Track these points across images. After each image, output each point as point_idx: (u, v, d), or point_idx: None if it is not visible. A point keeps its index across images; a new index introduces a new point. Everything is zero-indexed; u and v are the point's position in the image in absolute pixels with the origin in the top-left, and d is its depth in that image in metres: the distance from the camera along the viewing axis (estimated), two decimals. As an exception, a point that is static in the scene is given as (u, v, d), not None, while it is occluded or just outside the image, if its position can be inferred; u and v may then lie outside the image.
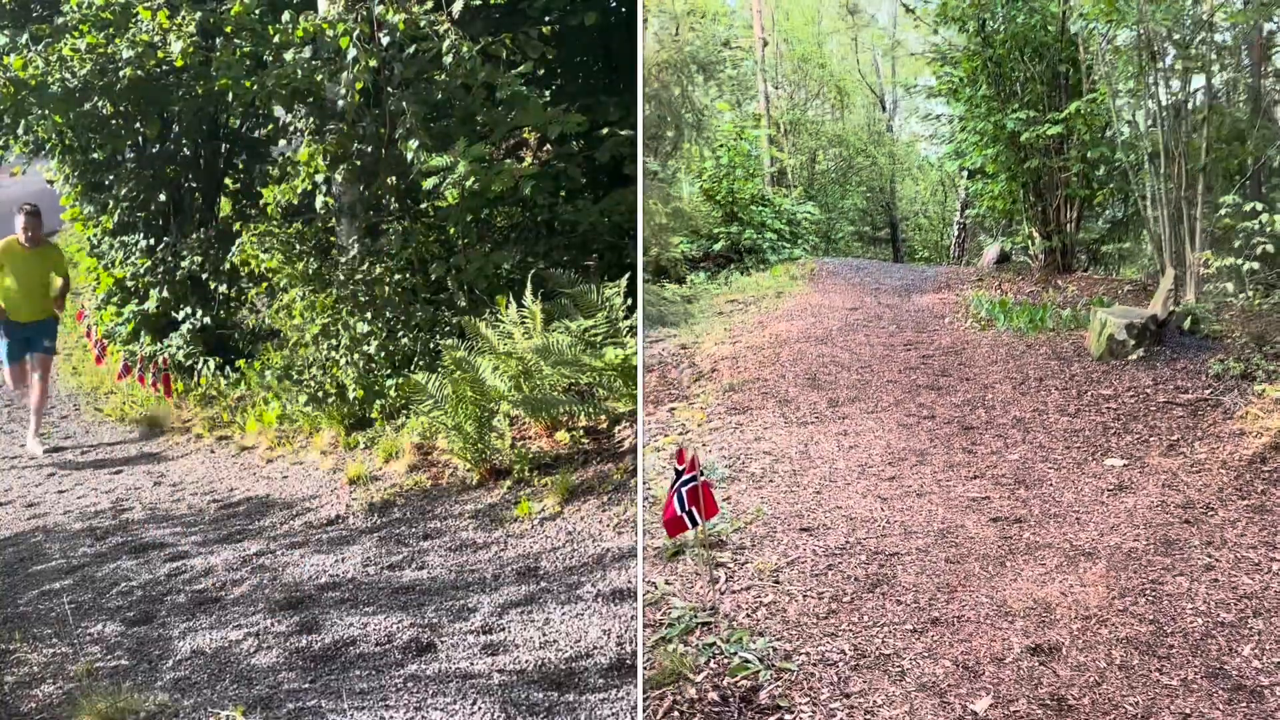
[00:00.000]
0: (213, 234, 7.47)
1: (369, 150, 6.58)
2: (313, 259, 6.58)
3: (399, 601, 4.38)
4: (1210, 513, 4.43)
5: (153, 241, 7.61)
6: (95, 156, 7.38)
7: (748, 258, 8.88)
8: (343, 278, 6.41)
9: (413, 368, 6.18)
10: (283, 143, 7.56)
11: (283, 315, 6.63)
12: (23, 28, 7.26)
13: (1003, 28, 7.64)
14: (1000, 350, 6.85)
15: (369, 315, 6.33)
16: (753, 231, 8.91)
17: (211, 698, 3.69)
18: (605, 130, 6.75)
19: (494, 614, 4.17)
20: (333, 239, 6.83)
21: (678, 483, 4.10)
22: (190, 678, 3.87)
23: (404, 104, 6.32)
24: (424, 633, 4.05)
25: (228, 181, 7.91)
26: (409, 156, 6.32)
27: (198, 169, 7.74)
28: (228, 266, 7.16)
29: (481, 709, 3.47)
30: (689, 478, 4.09)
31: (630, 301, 6.03)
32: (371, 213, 6.74)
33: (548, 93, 6.94)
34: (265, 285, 6.92)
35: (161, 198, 7.55)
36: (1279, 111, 6.90)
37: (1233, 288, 6.36)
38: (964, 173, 9.09)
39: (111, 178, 7.58)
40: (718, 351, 7.30)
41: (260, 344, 7.16)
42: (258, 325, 7.10)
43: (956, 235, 10.46)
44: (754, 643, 3.57)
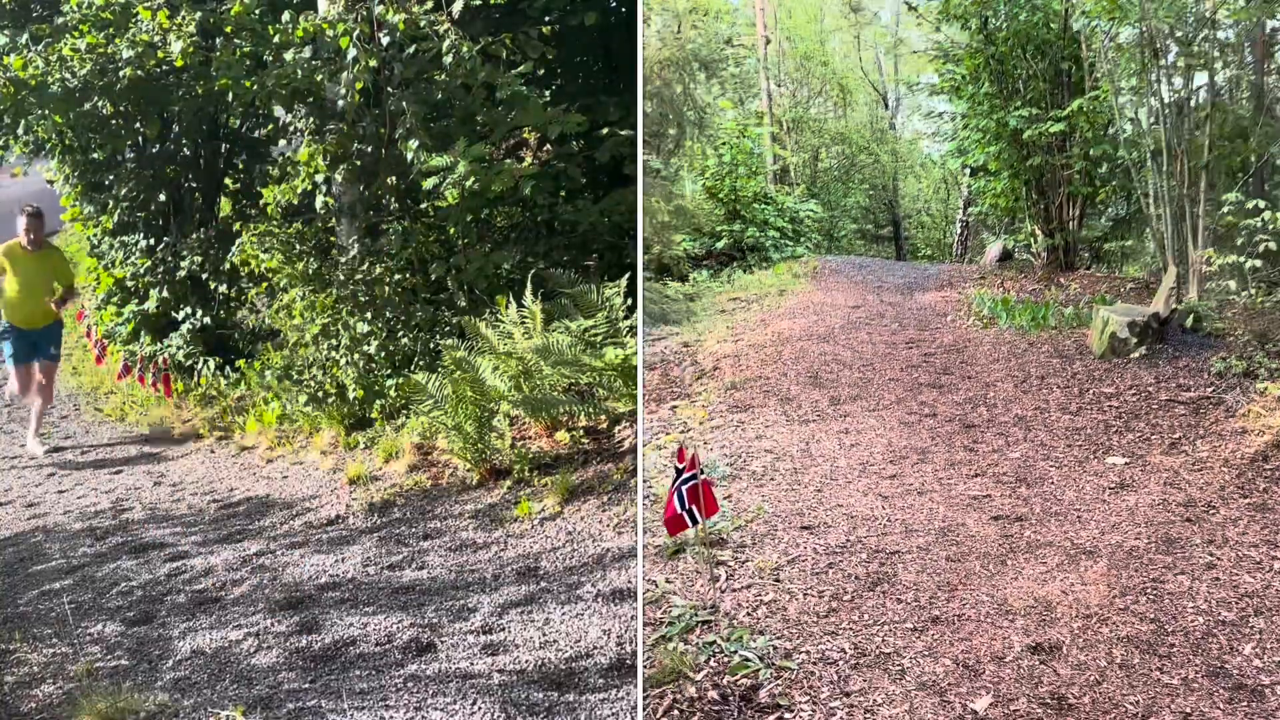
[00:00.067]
0: (213, 234, 7.47)
1: (369, 150, 6.58)
2: (313, 259, 6.58)
3: (399, 601, 4.38)
4: (1212, 511, 4.43)
5: (153, 241, 7.61)
6: (95, 156, 7.37)
7: (750, 256, 8.86)
8: (343, 278, 6.41)
9: (413, 368, 6.17)
10: (283, 143, 7.56)
11: (283, 315, 6.63)
12: (23, 28, 7.26)
13: (1005, 25, 7.63)
14: (1002, 348, 6.84)
15: (369, 315, 6.33)
16: (755, 229, 8.89)
17: (211, 698, 3.69)
18: (605, 130, 6.75)
19: (494, 614, 4.17)
20: (333, 239, 6.83)
21: (678, 481, 4.12)
22: (190, 678, 3.87)
23: (404, 104, 6.31)
24: (424, 633, 4.05)
25: (228, 181, 7.90)
26: (409, 156, 6.32)
27: (198, 169, 7.74)
28: (228, 266, 7.16)
29: (481, 709, 3.46)
30: (689, 476, 4.11)
31: (630, 301, 6.03)
32: (371, 213, 6.74)
33: (548, 93, 6.94)
34: (265, 285, 6.92)
35: (161, 198, 7.55)
36: (1281, 109, 6.88)
37: (1235, 285, 6.34)
38: (966, 170, 9.07)
39: (111, 178, 7.57)
40: (720, 349, 7.30)
41: (260, 344, 7.15)
42: (258, 325, 7.09)
43: (959, 233, 10.45)
44: (754, 641, 3.56)
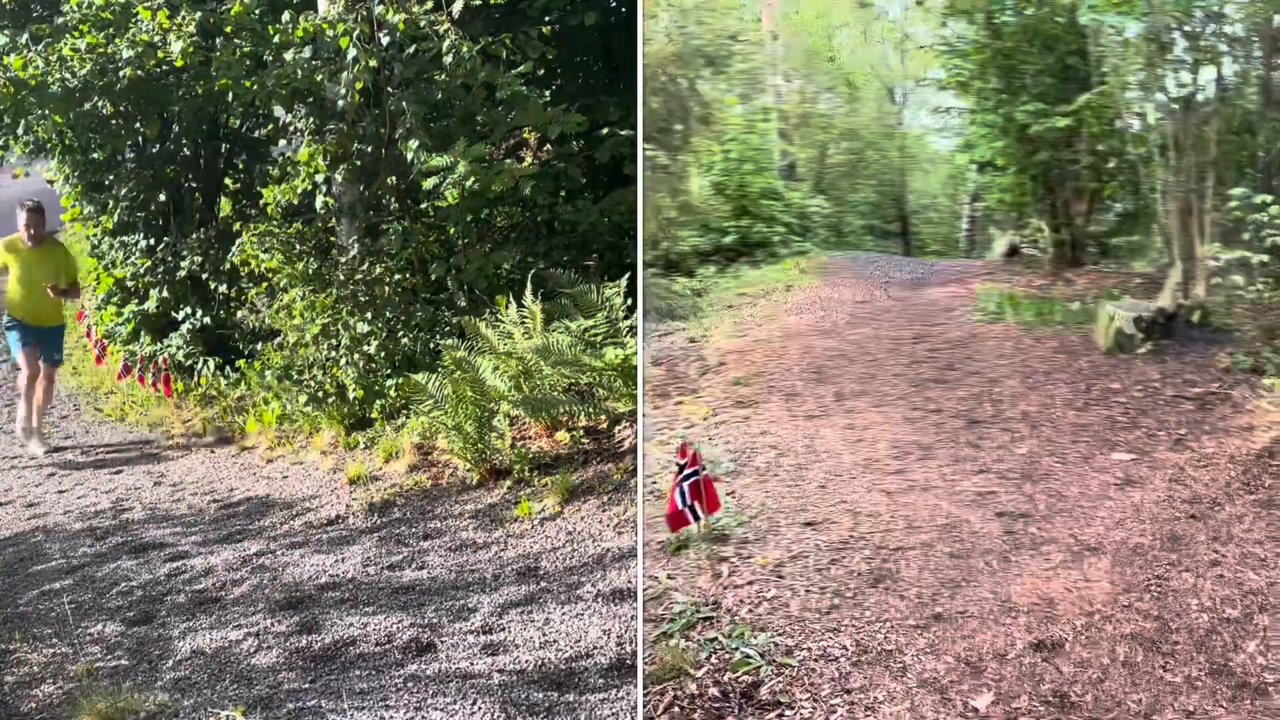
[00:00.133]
0: (213, 234, 7.47)
1: (369, 150, 6.58)
2: (313, 259, 6.57)
3: (399, 601, 4.37)
4: (1217, 508, 4.40)
5: (153, 241, 7.60)
6: (95, 156, 7.37)
7: (758, 251, 8.81)
8: (343, 278, 6.41)
9: (413, 368, 6.16)
10: (283, 143, 7.55)
11: (283, 315, 6.62)
12: (23, 28, 7.25)
13: (1012, 20, 7.57)
14: (1008, 344, 6.79)
15: (369, 315, 6.33)
16: (763, 225, 8.84)
17: (211, 698, 3.68)
18: (605, 130, 6.74)
19: (494, 614, 4.16)
20: (333, 239, 6.82)
21: (680, 477, 4.11)
22: (190, 678, 3.87)
23: (404, 104, 6.31)
24: (424, 633, 4.04)
25: (228, 181, 7.90)
26: (409, 156, 6.31)
27: (198, 169, 7.74)
28: (228, 266, 7.15)
29: (481, 709, 3.46)
30: (690, 472, 4.10)
31: (630, 301, 6.02)
32: (371, 213, 6.74)
33: (548, 93, 6.93)
34: (265, 285, 6.91)
35: (161, 198, 7.54)
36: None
37: (1242, 280, 6.29)
38: (974, 166, 9.01)
39: (111, 178, 7.57)
40: (726, 345, 7.27)
41: (260, 344, 7.14)
42: (258, 325, 7.08)
43: (967, 228, 10.39)
44: (755, 638, 3.55)
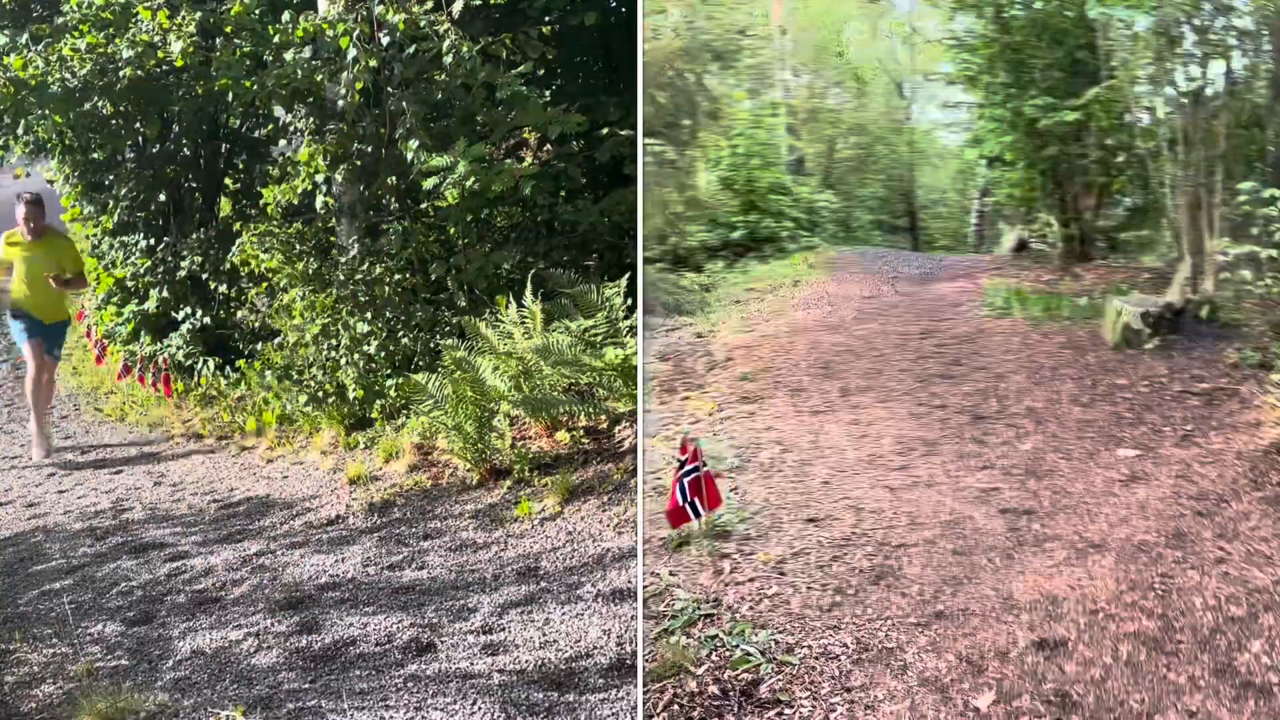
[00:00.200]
0: (213, 234, 7.46)
1: (369, 150, 6.58)
2: (313, 259, 6.57)
3: (399, 601, 4.36)
4: (1223, 504, 4.36)
5: (153, 241, 7.59)
6: (95, 156, 7.36)
7: (766, 246, 8.79)
8: (343, 278, 6.40)
9: (413, 368, 6.16)
10: (283, 143, 7.55)
11: (283, 315, 6.61)
12: (23, 28, 7.25)
13: (1020, 14, 7.52)
14: (1015, 339, 6.75)
15: (369, 315, 6.32)
16: (771, 220, 8.81)
17: (211, 698, 3.68)
18: (605, 130, 6.74)
19: (494, 614, 4.16)
20: (333, 239, 6.82)
21: (680, 473, 4.09)
22: (190, 678, 3.86)
23: (404, 104, 6.31)
24: (424, 633, 4.04)
25: (228, 181, 7.89)
26: (409, 156, 6.31)
27: (198, 169, 7.73)
28: (228, 266, 7.14)
29: (481, 709, 3.45)
30: (691, 468, 4.08)
31: (630, 301, 6.02)
32: (371, 213, 6.73)
33: (548, 93, 6.93)
34: (265, 285, 6.90)
35: (161, 198, 7.53)
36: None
37: (1250, 275, 6.25)
38: (983, 160, 8.97)
39: (111, 178, 7.56)
40: (733, 340, 7.25)
41: (260, 344, 7.13)
42: (258, 325, 7.07)
43: (975, 223, 10.35)
44: (756, 635, 3.54)
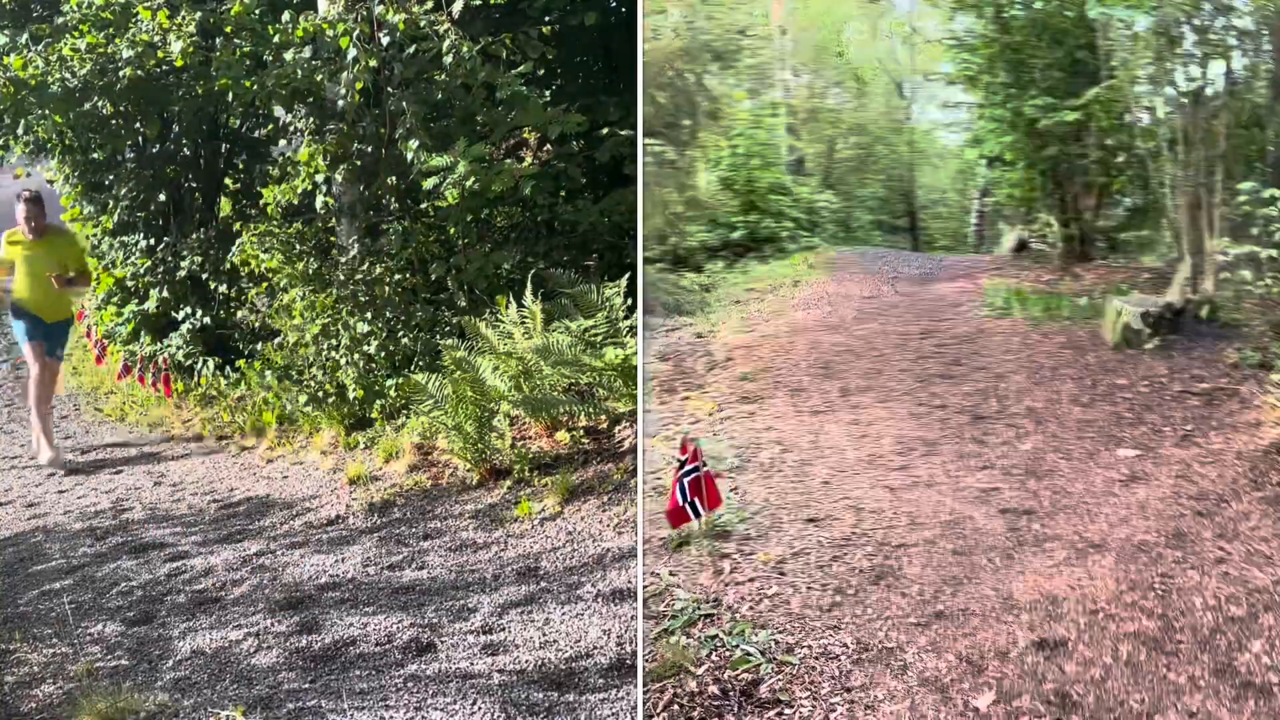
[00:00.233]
0: (213, 234, 7.46)
1: (369, 150, 6.58)
2: (313, 259, 6.57)
3: (399, 601, 4.36)
4: (1223, 504, 4.36)
5: (153, 241, 7.60)
6: (95, 156, 7.36)
7: (766, 246, 8.79)
8: (343, 278, 6.40)
9: (413, 368, 6.16)
10: (283, 143, 7.55)
11: (283, 315, 6.61)
12: (23, 28, 7.25)
13: (1020, 14, 7.51)
14: (1015, 339, 6.74)
15: (369, 315, 6.32)
16: (771, 220, 8.81)
17: (211, 698, 3.68)
18: (605, 130, 6.74)
19: (494, 614, 4.16)
20: (333, 239, 6.82)
21: (680, 473, 4.09)
22: (190, 678, 3.86)
23: (404, 104, 6.31)
24: (424, 633, 4.04)
25: (228, 181, 7.90)
26: (409, 156, 6.31)
27: (198, 169, 7.74)
28: (228, 266, 7.14)
29: (481, 709, 3.45)
30: (691, 468, 4.08)
31: (630, 301, 6.02)
32: (371, 213, 6.73)
33: (548, 93, 6.93)
34: (265, 285, 6.90)
35: (161, 198, 7.54)
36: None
37: (1250, 275, 6.23)
38: (983, 160, 8.97)
39: (111, 178, 7.56)
40: (733, 340, 7.24)
41: (260, 344, 7.13)
42: (258, 325, 7.07)
43: (976, 223, 10.34)
44: (756, 635, 3.54)
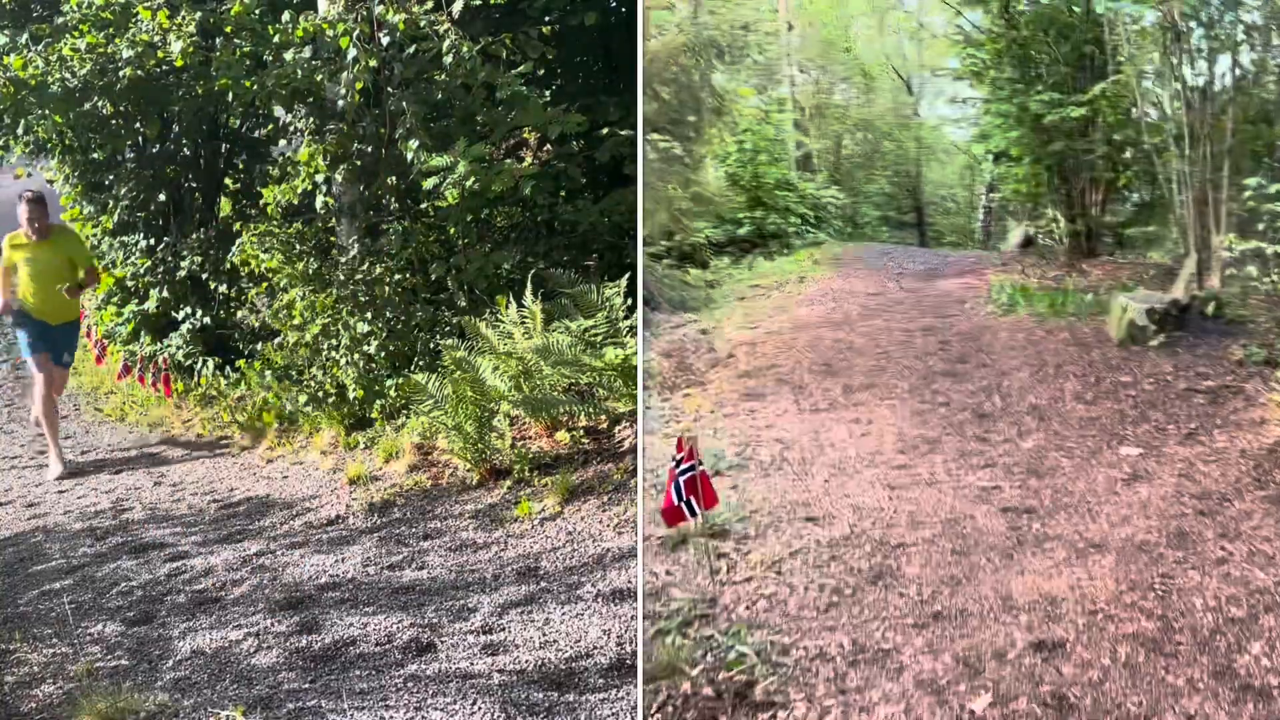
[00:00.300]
0: (213, 234, 7.47)
1: (369, 150, 6.58)
2: (313, 259, 6.58)
3: (399, 601, 4.37)
4: (1226, 504, 4.33)
5: (153, 241, 7.61)
6: (95, 156, 7.37)
7: (772, 243, 8.77)
8: (343, 278, 6.41)
9: (413, 368, 6.17)
10: (283, 143, 7.57)
11: (283, 315, 6.62)
12: (23, 28, 7.26)
13: (1027, 8, 7.49)
14: (1019, 336, 6.68)
15: (369, 315, 6.33)
16: (777, 216, 8.78)
17: (211, 698, 3.68)
18: (605, 130, 6.75)
19: (494, 614, 4.16)
20: (333, 239, 6.83)
21: (676, 472, 4.05)
22: (190, 678, 3.86)
23: (404, 104, 6.31)
24: (424, 633, 4.04)
25: (228, 181, 7.91)
26: (409, 156, 6.31)
27: (198, 169, 7.75)
28: (228, 266, 7.16)
29: (481, 709, 3.45)
30: (687, 467, 4.05)
31: (630, 301, 6.02)
32: (371, 213, 6.74)
33: (548, 93, 6.94)
34: (265, 285, 6.91)
35: (161, 198, 7.55)
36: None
37: (1256, 271, 6.19)
38: (989, 156, 8.94)
39: (111, 178, 7.58)
40: (737, 337, 7.20)
41: (260, 344, 7.14)
42: (258, 325, 7.08)
43: (983, 219, 10.32)
44: (751, 636, 3.52)
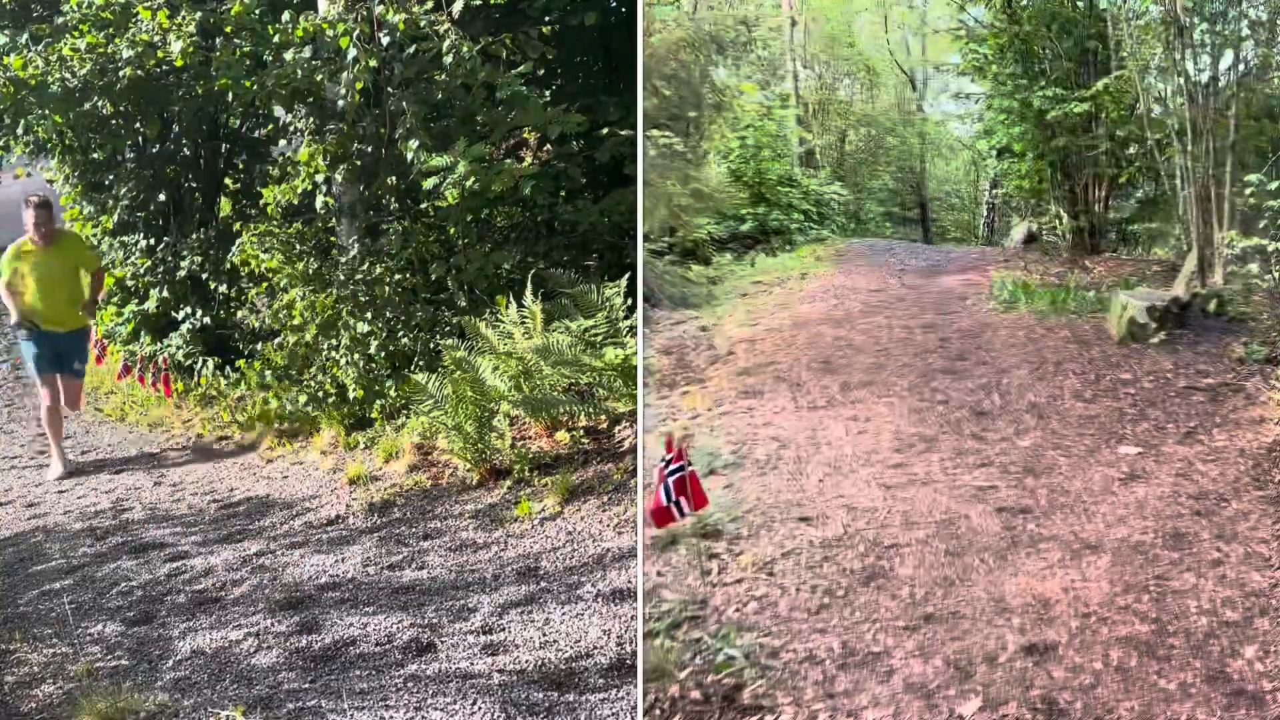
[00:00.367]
0: (213, 234, 7.48)
1: (369, 150, 6.59)
2: (313, 259, 6.59)
3: (399, 601, 4.38)
4: (1223, 504, 4.29)
5: (153, 241, 7.61)
6: (95, 156, 7.38)
7: (775, 239, 8.74)
8: (343, 278, 6.42)
9: (413, 368, 6.18)
10: (283, 143, 7.57)
11: (283, 315, 6.63)
12: (23, 28, 7.27)
13: (1030, 3, 7.47)
14: (1020, 333, 6.61)
15: (369, 315, 6.34)
16: (780, 212, 8.75)
17: (211, 698, 3.69)
18: (605, 130, 6.75)
19: (494, 614, 4.17)
20: (333, 239, 6.83)
21: (665, 472, 4.02)
22: (190, 678, 3.87)
23: (404, 104, 6.32)
24: (424, 633, 4.05)
25: (228, 181, 7.92)
26: (409, 156, 6.32)
27: (198, 169, 7.75)
28: (228, 266, 7.17)
29: (481, 709, 3.46)
30: (676, 467, 4.02)
31: (630, 301, 6.03)
32: (371, 213, 6.75)
33: (548, 93, 6.94)
34: (265, 285, 6.92)
35: (161, 198, 7.56)
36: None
37: (1258, 269, 6.16)
38: (993, 151, 8.91)
39: (111, 178, 7.58)
40: (738, 334, 7.15)
41: (260, 344, 7.15)
42: (258, 325, 7.09)
43: (986, 215, 10.29)
44: (741, 639, 3.48)
